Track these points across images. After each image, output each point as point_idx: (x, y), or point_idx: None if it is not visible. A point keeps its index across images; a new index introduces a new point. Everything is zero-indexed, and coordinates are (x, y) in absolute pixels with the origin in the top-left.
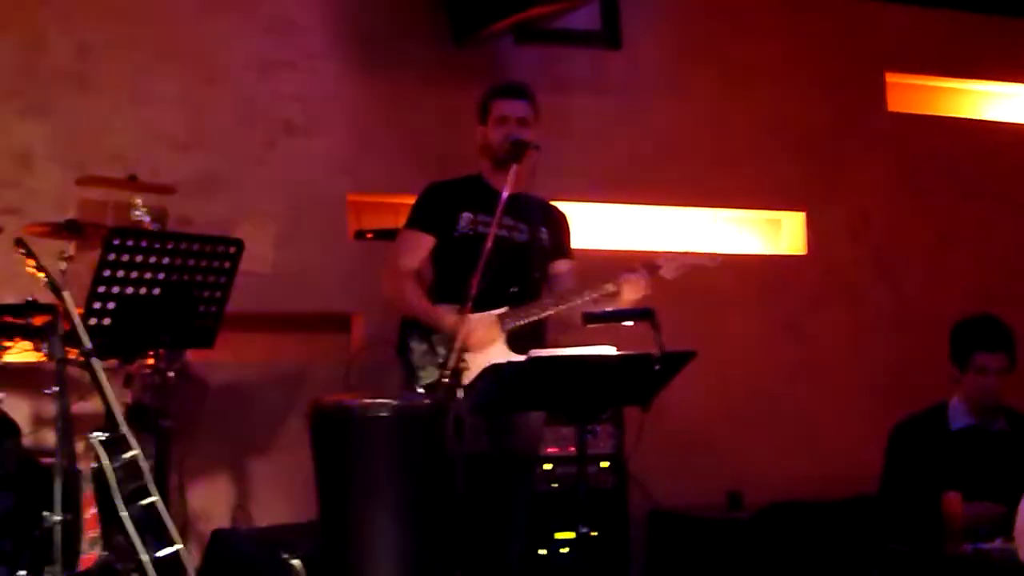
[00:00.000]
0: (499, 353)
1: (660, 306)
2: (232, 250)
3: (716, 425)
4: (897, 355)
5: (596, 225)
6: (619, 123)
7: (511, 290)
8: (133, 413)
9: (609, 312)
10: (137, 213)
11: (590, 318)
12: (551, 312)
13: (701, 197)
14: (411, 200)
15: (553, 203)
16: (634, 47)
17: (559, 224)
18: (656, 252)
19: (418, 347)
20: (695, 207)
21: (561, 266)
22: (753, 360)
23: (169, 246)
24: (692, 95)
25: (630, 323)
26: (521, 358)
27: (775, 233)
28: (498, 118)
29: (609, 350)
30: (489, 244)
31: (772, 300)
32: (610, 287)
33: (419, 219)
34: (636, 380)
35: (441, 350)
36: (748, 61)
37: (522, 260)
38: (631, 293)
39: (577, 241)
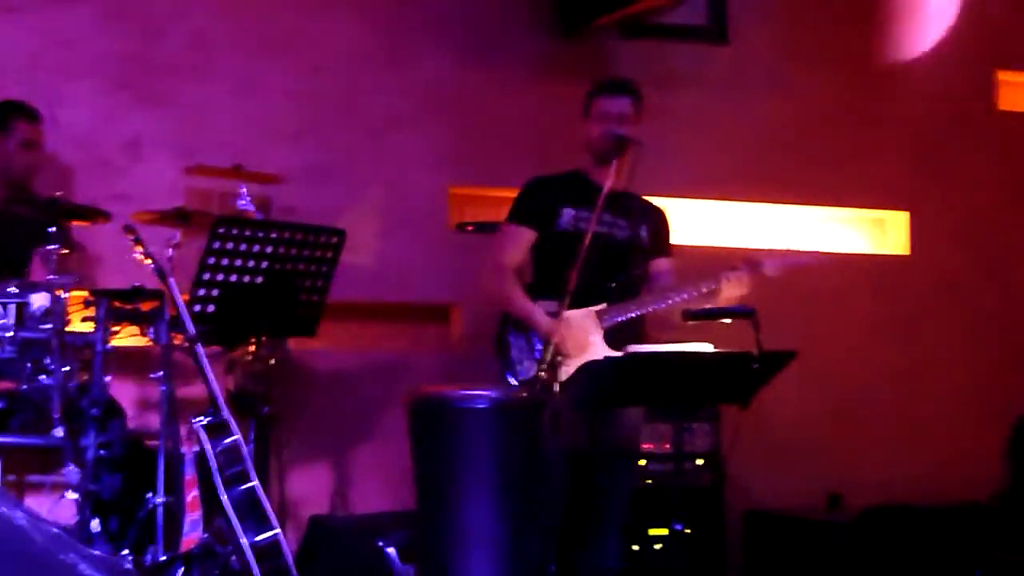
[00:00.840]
0: (597, 349)
1: (761, 305)
2: (335, 240)
3: (817, 426)
4: (1005, 357)
5: (699, 222)
6: (724, 120)
7: (610, 285)
8: (235, 399)
9: (709, 309)
10: (242, 202)
11: (690, 315)
12: (650, 309)
13: (806, 195)
14: (513, 193)
15: (654, 200)
16: (741, 42)
17: (660, 222)
18: (759, 250)
19: (516, 342)
20: (799, 205)
21: (661, 264)
22: (856, 361)
23: (273, 235)
24: (799, 92)
25: (729, 321)
26: (619, 354)
27: (880, 233)
28: (599, 114)
29: (707, 348)
30: (588, 240)
31: (877, 300)
32: (711, 285)
33: (521, 213)
34: (735, 378)
35: (539, 345)
36: (857, 58)
37: (622, 257)
38: (732, 291)
39: (678, 237)
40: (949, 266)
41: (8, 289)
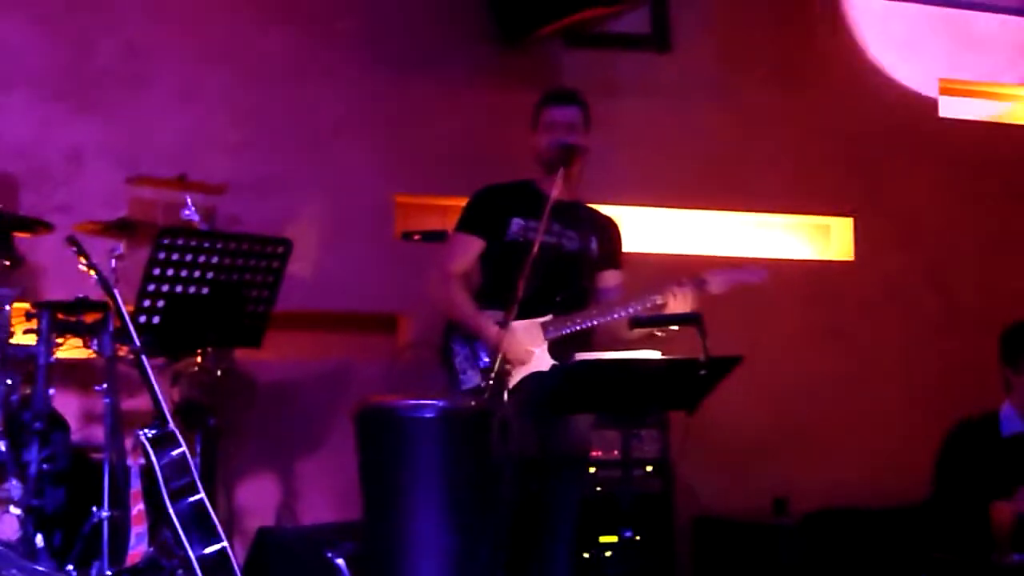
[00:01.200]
0: (541, 361)
1: (707, 311)
2: (280, 250)
3: (763, 431)
4: (947, 362)
5: (644, 229)
6: (669, 127)
7: (556, 299)
8: (181, 411)
9: (655, 316)
10: (187, 212)
11: (637, 322)
12: (594, 322)
13: (751, 202)
14: (459, 202)
15: (604, 211)
16: (684, 51)
17: (611, 233)
18: (707, 262)
19: (461, 351)
20: (745, 212)
21: (610, 277)
22: (801, 366)
23: (218, 245)
24: (742, 100)
25: (676, 328)
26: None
27: (824, 239)
28: (547, 124)
29: (655, 355)
30: (535, 249)
31: (820, 306)
32: (657, 300)
33: (469, 222)
34: (682, 385)
35: (483, 355)
36: (796, 64)
37: (570, 268)
38: (678, 307)
39: (625, 245)
40: (892, 272)
41: None
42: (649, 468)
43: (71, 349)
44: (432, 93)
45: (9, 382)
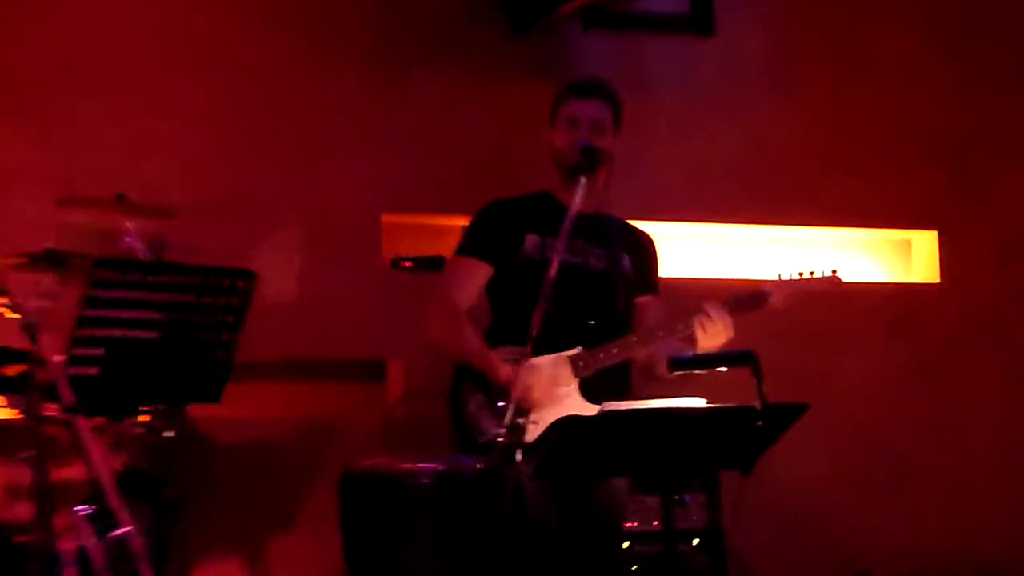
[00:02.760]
0: (571, 404)
1: (763, 347)
2: (243, 284)
3: (835, 491)
4: None
5: (684, 249)
6: (711, 126)
7: (590, 322)
8: (126, 481)
9: (698, 356)
10: (128, 240)
11: (676, 363)
12: (637, 351)
13: (811, 214)
14: (460, 222)
15: (636, 224)
16: (730, 34)
17: (645, 251)
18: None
19: (473, 398)
20: (803, 226)
21: (648, 303)
22: (879, 412)
23: (167, 280)
24: (801, 93)
25: (724, 369)
26: (594, 412)
27: (903, 257)
28: (567, 119)
29: (699, 402)
30: (553, 271)
31: (900, 338)
32: (680, 327)
33: (475, 244)
34: (735, 439)
35: (502, 402)
36: (871, 53)
37: (600, 292)
38: (707, 340)
39: (661, 268)
40: (985, 296)
41: None
42: (696, 541)
43: None
44: (424, 92)
45: None
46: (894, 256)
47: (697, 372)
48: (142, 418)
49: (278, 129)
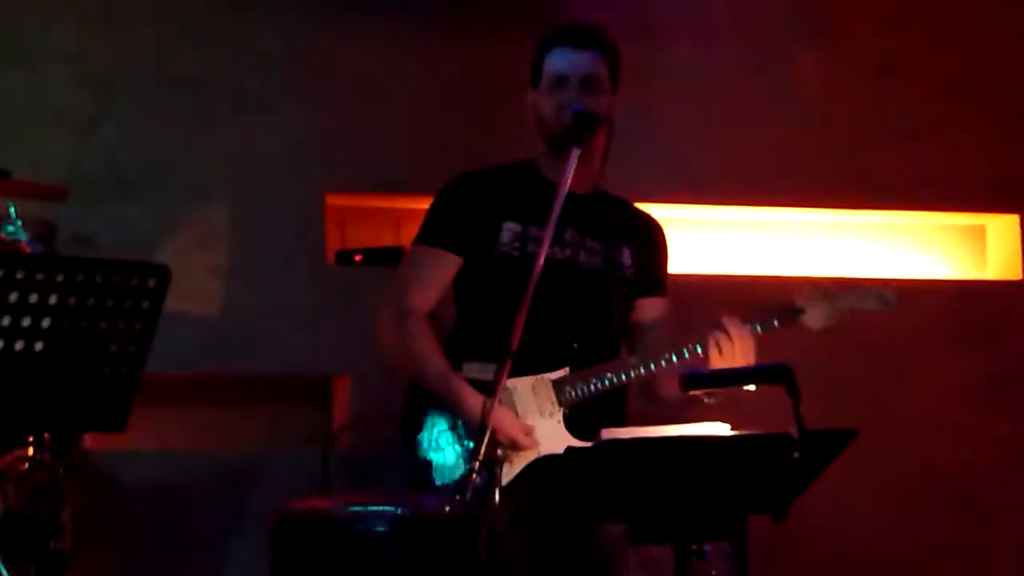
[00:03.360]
0: (554, 437)
1: (800, 360)
2: (153, 283)
3: (891, 538)
4: None
5: (702, 239)
6: (736, 85)
7: (574, 345)
8: (4, 529)
9: (720, 372)
10: (10, 229)
11: (690, 380)
12: (632, 375)
13: (863, 195)
14: (424, 203)
15: (643, 207)
16: None
17: (650, 241)
18: (798, 281)
19: (434, 426)
20: (855, 210)
21: (650, 309)
22: (946, 439)
23: (58, 278)
24: (848, 42)
25: (752, 387)
26: (587, 444)
27: (977, 248)
28: (554, 78)
29: (721, 429)
30: (539, 267)
31: (974, 347)
32: (689, 348)
33: (439, 230)
34: (765, 475)
35: (468, 433)
36: None
37: (594, 295)
38: (723, 362)
39: (673, 263)
40: None
41: None
42: None
43: None
44: (382, 43)
45: None
46: (964, 247)
47: (718, 391)
48: (26, 451)
49: (185, 85)
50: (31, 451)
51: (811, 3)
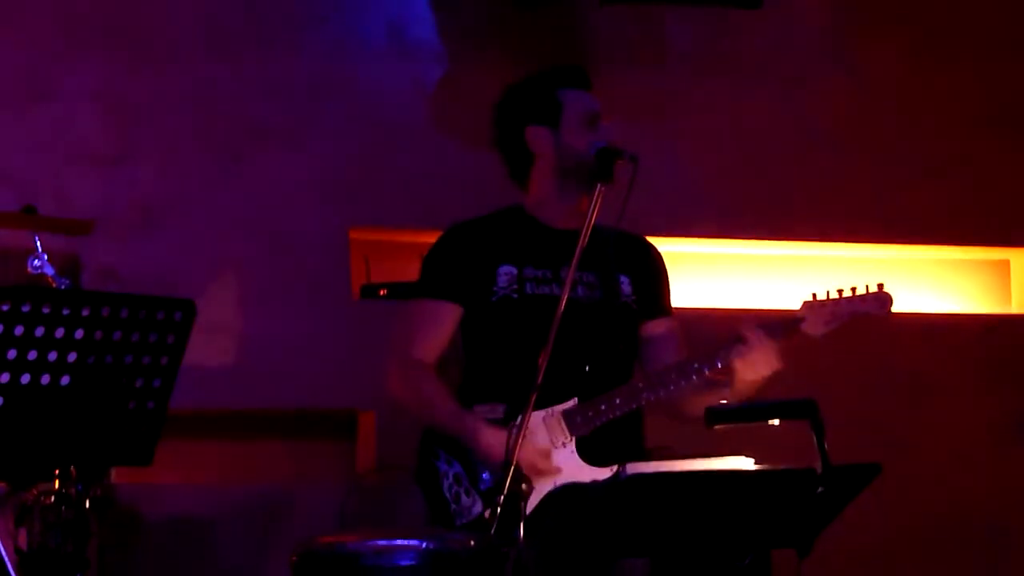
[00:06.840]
0: (569, 469)
1: (824, 395)
2: (179, 317)
3: (915, 574)
4: None
5: (713, 272)
6: (750, 117)
7: (585, 368)
8: (31, 563)
9: (743, 407)
10: (36, 263)
11: (715, 415)
12: (643, 401)
13: (883, 228)
14: None
15: (638, 236)
16: (778, 6)
17: (648, 264)
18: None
19: (449, 470)
20: (873, 244)
21: (657, 327)
22: (971, 478)
23: (84, 312)
24: (868, 73)
25: (776, 422)
26: (605, 472)
27: (1000, 282)
28: (588, 116)
29: (744, 463)
30: (561, 307)
31: (1001, 384)
32: (715, 363)
33: (437, 282)
34: (789, 509)
35: (485, 472)
36: (950, 21)
37: (595, 327)
38: (749, 372)
39: (681, 298)
40: None
41: None
42: None
43: None
44: (407, 78)
45: None
46: (987, 281)
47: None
48: (52, 485)
49: (208, 123)
50: (57, 484)
51: (835, 37)
